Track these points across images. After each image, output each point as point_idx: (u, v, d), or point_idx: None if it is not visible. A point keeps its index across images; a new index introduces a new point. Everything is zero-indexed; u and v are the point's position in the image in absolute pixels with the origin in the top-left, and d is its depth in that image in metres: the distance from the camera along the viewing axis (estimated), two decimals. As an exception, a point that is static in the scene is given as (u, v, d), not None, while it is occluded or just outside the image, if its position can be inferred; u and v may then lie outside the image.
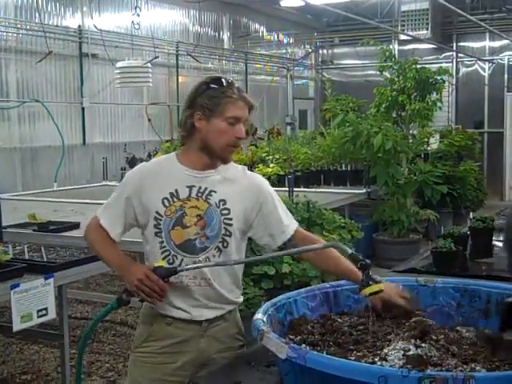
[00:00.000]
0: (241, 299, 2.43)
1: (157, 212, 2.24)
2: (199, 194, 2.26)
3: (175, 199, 2.25)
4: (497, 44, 13.28)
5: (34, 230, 4.48)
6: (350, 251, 2.03)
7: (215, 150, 2.24)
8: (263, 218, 2.33)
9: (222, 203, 2.26)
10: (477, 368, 1.66)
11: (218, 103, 2.20)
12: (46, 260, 3.81)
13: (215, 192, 2.27)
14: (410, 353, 1.69)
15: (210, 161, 2.29)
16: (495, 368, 1.66)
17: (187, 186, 2.26)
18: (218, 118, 2.21)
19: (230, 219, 2.27)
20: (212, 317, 2.30)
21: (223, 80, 2.26)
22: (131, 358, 2.40)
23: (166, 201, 2.24)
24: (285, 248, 2.37)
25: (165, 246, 2.25)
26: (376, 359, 1.69)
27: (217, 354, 2.33)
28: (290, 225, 2.37)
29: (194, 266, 2.20)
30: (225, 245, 2.27)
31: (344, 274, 2.24)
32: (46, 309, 3.40)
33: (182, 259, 2.24)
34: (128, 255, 2.52)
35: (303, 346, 1.84)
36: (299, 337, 1.92)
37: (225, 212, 2.26)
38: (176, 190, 2.25)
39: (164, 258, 2.24)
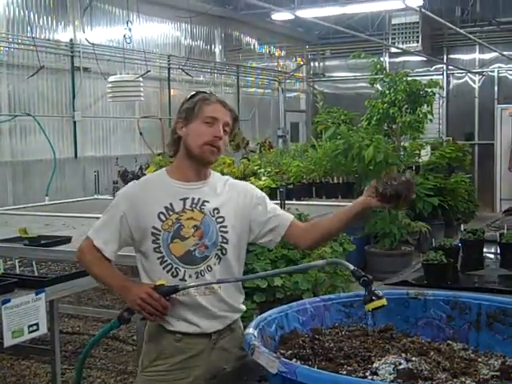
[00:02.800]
0: (243, 307, 2.46)
1: (154, 227, 2.27)
2: (193, 205, 2.31)
3: (171, 213, 2.29)
4: (487, 56, 13.38)
5: (25, 245, 4.44)
6: (351, 267, 2.05)
7: (194, 151, 2.31)
8: (260, 217, 2.41)
9: (215, 211, 2.32)
10: (467, 382, 1.66)
11: (194, 107, 2.31)
12: (37, 275, 3.79)
13: (208, 202, 2.32)
14: (401, 367, 1.70)
15: (198, 169, 2.35)
16: (485, 381, 1.66)
17: (180, 199, 2.31)
18: (195, 120, 2.31)
19: (225, 226, 2.32)
20: (221, 327, 2.32)
21: (206, 91, 2.41)
22: (141, 378, 2.37)
23: (162, 215, 2.28)
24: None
25: (166, 260, 2.28)
26: (367, 373, 1.69)
27: (227, 365, 2.34)
28: (287, 214, 2.49)
29: (197, 283, 2.24)
30: (223, 252, 2.31)
31: (340, 222, 2.35)
32: (37, 324, 3.38)
33: (185, 271, 2.27)
34: (122, 271, 2.52)
35: (294, 360, 1.83)
36: (290, 351, 1.91)
37: (220, 220, 2.32)
38: (171, 204, 2.29)
39: (167, 272, 2.27)
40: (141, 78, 8.49)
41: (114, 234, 2.32)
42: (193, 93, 2.42)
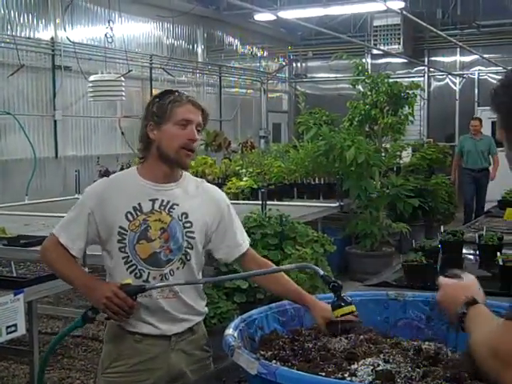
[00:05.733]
0: (206, 310, 2.45)
1: (120, 227, 2.24)
2: (162, 207, 2.27)
3: (139, 213, 2.25)
4: (467, 59, 13.50)
5: (3, 245, 4.41)
6: (321, 272, 2.04)
7: (170, 155, 2.27)
8: (221, 231, 2.38)
9: (184, 216, 2.29)
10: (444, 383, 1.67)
11: (166, 109, 2.25)
12: (15, 275, 3.77)
13: (177, 205, 2.29)
14: (379, 368, 1.70)
15: (170, 171, 2.31)
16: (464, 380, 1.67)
17: (150, 200, 2.27)
18: (168, 123, 2.25)
19: (192, 232, 2.29)
20: (181, 331, 2.30)
21: (174, 91, 2.32)
22: (101, 380, 2.34)
23: (129, 215, 2.24)
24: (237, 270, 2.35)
25: (131, 261, 2.24)
26: (345, 375, 1.69)
27: (187, 368, 2.33)
28: (245, 241, 2.43)
29: (164, 284, 2.22)
30: (188, 257, 2.29)
31: (291, 295, 2.24)
32: (15, 325, 3.35)
33: (149, 272, 2.25)
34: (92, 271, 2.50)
35: (274, 361, 1.83)
36: (270, 352, 1.91)
37: (187, 225, 2.29)
38: (139, 204, 2.26)
39: (131, 273, 2.24)
40: (122, 78, 8.44)
41: (81, 231, 2.27)
42: (159, 92, 2.36)
